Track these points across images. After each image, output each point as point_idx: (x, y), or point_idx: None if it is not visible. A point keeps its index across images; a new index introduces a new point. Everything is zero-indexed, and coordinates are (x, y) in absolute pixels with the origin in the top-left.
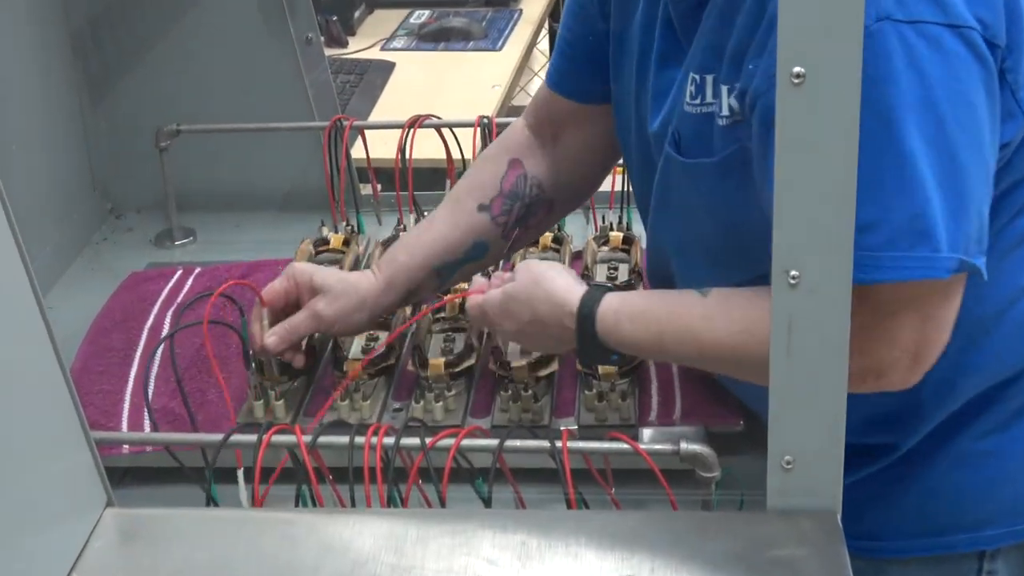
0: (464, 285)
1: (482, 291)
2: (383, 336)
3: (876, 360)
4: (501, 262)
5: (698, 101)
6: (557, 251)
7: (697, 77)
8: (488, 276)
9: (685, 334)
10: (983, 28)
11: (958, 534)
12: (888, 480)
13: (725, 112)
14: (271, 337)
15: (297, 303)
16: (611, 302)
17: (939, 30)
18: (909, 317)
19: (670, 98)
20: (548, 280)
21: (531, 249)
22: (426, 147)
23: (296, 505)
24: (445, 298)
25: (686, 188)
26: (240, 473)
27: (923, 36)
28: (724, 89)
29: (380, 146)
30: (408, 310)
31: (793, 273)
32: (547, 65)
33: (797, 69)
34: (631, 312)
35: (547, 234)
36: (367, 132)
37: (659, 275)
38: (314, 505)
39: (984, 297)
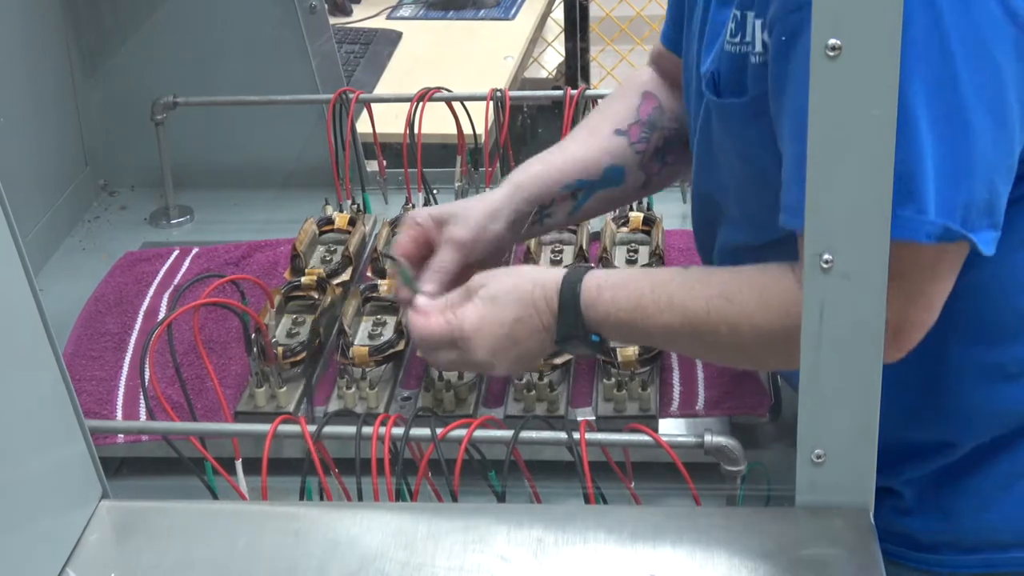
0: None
1: (427, 314)
2: (390, 322)
3: None
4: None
5: (737, 39)
6: (574, 232)
7: (738, 13)
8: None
9: (665, 300)
10: None
11: (1020, 552)
12: (944, 485)
13: (759, 48)
14: (427, 286)
15: (430, 246)
16: (595, 275)
17: None
18: (890, 287)
19: (719, 38)
20: (525, 269)
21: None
22: (435, 122)
23: (300, 499)
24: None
25: (720, 132)
26: (239, 464)
27: None
28: (758, 24)
29: (387, 120)
30: None
31: (826, 257)
32: (560, 35)
33: (832, 41)
34: (614, 282)
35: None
36: (373, 106)
37: (702, 227)
38: (320, 499)
39: None
